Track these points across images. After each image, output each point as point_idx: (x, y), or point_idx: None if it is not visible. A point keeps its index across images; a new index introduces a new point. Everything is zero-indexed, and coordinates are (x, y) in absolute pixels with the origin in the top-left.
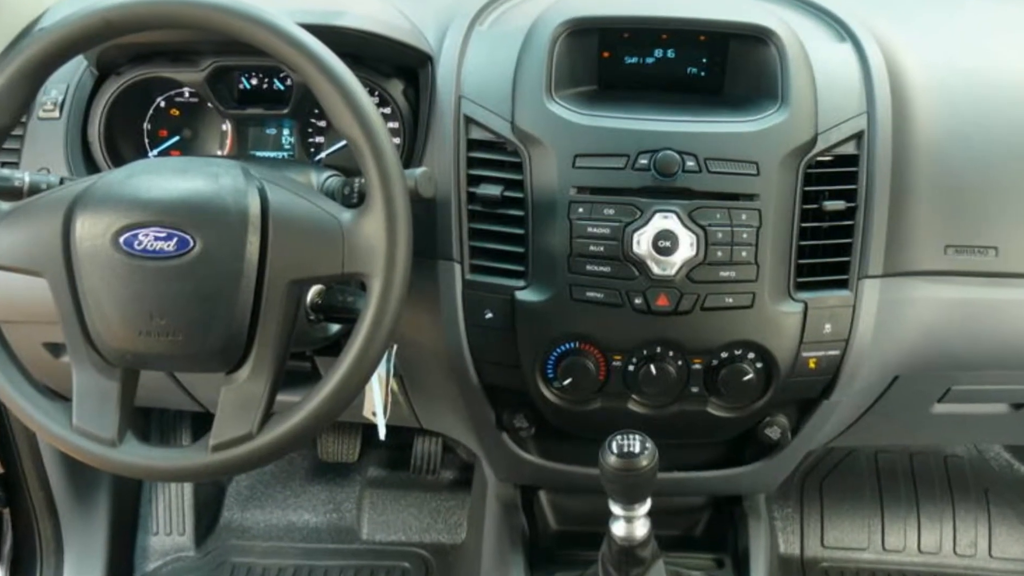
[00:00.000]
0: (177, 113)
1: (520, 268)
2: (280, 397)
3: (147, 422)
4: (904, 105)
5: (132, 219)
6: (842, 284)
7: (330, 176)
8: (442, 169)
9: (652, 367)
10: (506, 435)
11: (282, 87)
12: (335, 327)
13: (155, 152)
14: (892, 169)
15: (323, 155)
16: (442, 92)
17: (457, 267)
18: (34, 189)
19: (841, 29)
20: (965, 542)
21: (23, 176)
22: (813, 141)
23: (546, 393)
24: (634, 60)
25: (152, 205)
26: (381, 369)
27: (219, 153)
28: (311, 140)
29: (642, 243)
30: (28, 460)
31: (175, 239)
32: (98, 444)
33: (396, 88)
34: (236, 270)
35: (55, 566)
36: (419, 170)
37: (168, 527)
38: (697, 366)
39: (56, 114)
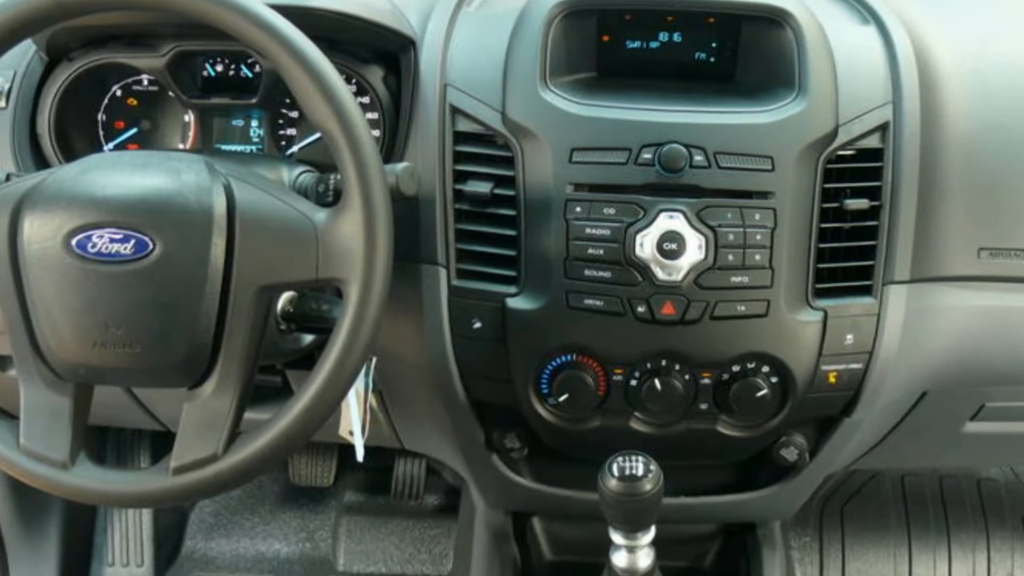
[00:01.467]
0: (135, 103)
1: (511, 273)
2: (248, 415)
3: (102, 442)
4: (933, 94)
5: (85, 219)
6: (865, 291)
7: (303, 172)
8: (426, 164)
9: (656, 382)
10: (496, 456)
11: (250, 74)
12: (308, 338)
13: (111, 145)
14: (920, 164)
15: (295, 149)
16: (426, 80)
17: (442, 272)
18: None
19: (864, 10)
20: (1001, 574)
21: None
22: (833, 133)
23: (540, 410)
24: (637, 44)
25: (107, 204)
26: (359, 384)
27: (181, 147)
28: (282, 132)
29: (645, 245)
30: None
31: (133, 241)
32: (48, 466)
33: (375, 75)
34: (199, 275)
35: None
36: (400, 165)
37: (125, 557)
38: (706, 381)
39: (2, 104)
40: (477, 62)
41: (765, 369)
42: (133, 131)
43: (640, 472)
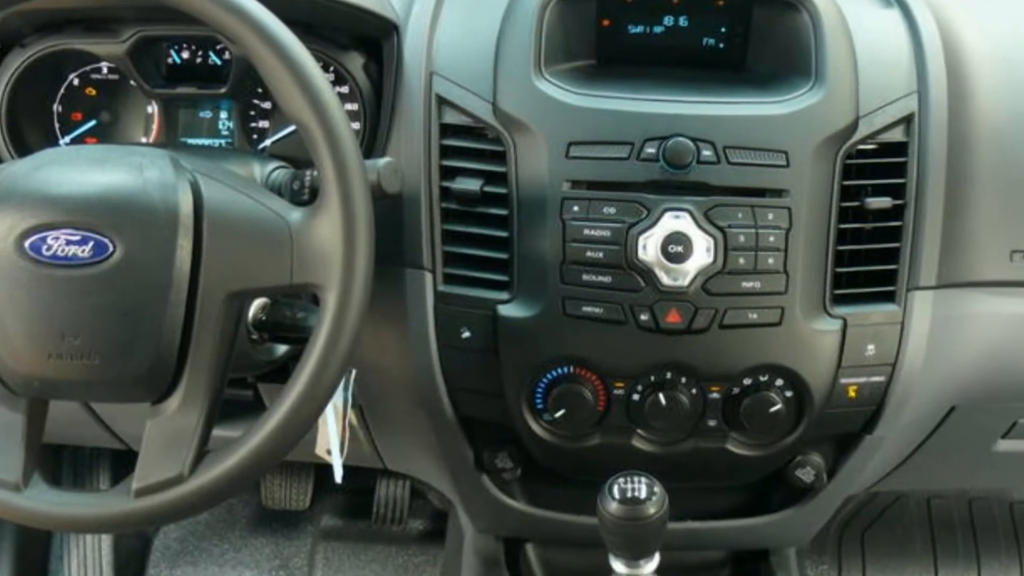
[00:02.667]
0: (94, 93)
1: (503, 278)
2: (216, 432)
3: (58, 462)
4: (962, 83)
5: (40, 219)
6: (888, 297)
7: (276, 168)
8: (410, 160)
9: (661, 396)
10: (486, 477)
11: (219, 62)
12: (282, 348)
13: (67, 139)
14: (948, 159)
15: (268, 143)
16: (410, 68)
17: (428, 276)
18: None
19: None
20: None
21: None
22: (853, 126)
23: (534, 427)
24: (639, 29)
25: (64, 202)
26: (337, 399)
27: (144, 140)
28: (254, 125)
29: (649, 248)
30: None
31: (91, 243)
32: None
33: (355, 63)
34: (164, 280)
35: None
36: (382, 161)
37: None
38: (714, 395)
39: None
40: (466, 49)
41: (779, 382)
42: (92, 123)
43: (643, 494)
